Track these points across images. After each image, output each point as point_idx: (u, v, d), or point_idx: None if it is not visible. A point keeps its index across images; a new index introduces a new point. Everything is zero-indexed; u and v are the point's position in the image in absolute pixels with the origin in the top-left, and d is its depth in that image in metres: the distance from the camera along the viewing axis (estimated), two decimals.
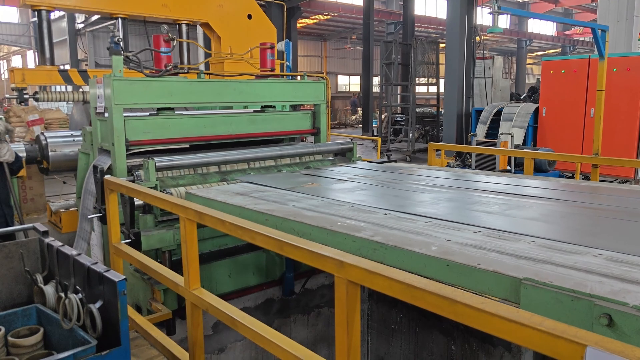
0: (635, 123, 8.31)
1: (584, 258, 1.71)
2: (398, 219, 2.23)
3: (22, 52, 27.73)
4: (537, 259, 1.69)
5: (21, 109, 5.66)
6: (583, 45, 32.54)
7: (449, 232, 2.01)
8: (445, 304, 1.19)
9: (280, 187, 2.97)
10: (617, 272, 1.56)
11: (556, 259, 1.69)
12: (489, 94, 11.40)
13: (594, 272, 1.56)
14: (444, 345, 2.91)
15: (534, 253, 1.76)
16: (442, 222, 2.20)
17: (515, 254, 1.74)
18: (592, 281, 1.48)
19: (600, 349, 0.92)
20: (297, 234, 2.13)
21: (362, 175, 3.45)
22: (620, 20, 9.85)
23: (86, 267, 2.01)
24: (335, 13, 22.01)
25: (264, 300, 3.37)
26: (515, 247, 1.83)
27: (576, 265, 1.63)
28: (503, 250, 1.78)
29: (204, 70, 4.33)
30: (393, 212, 2.35)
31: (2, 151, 3.46)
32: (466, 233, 2.02)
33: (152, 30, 5.29)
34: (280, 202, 2.54)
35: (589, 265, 1.63)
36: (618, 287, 1.43)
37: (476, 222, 2.20)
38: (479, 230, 2.06)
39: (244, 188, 2.94)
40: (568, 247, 1.84)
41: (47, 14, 5.42)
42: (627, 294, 1.37)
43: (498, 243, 1.88)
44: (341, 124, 25.68)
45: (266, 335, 1.75)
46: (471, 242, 1.88)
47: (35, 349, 2.01)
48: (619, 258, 1.72)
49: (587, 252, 1.78)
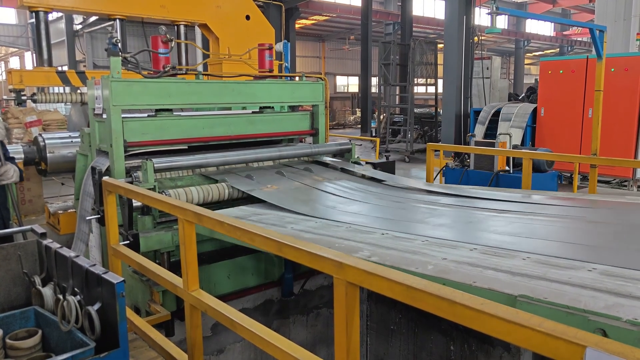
0: (633, 123, 8.33)
1: (579, 273, 1.72)
2: (395, 238, 2.24)
3: (20, 53, 27.68)
4: (532, 276, 1.70)
5: (19, 110, 5.65)
6: (581, 46, 32.59)
7: (445, 251, 2.02)
8: (444, 305, 1.19)
9: (281, 204, 2.97)
10: (611, 287, 1.57)
11: (551, 275, 1.70)
12: (487, 95, 11.41)
13: (588, 287, 1.58)
14: (443, 346, 2.91)
15: (530, 269, 1.77)
16: (438, 240, 2.21)
17: (511, 270, 1.76)
18: (586, 296, 1.50)
19: (600, 350, 0.92)
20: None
21: (361, 190, 3.43)
22: (618, 21, 9.87)
23: (84, 268, 2.00)
24: (334, 14, 22.01)
25: (263, 301, 3.37)
26: (511, 263, 1.84)
27: (571, 280, 1.64)
28: (499, 268, 1.79)
29: (202, 71, 4.33)
30: (390, 232, 2.36)
31: (8, 174, 3.42)
32: (462, 251, 2.03)
33: (150, 32, 5.29)
34: (279, 225, 2.55)
35: (583, 280, 1.64)
36: (612, 302, 1.44)
37: (472, 239, 2.21)
38: (475, 247, 2.07)
39: (243, 212, 2.94)
40: (563, 263, 1.85)
41: (44, 15, 5.40)
42: (621, 308, 1.39)
43: (494, 260, 1.89)
44: (340, 124, 25.68)
45: (265, 336, 1.75)
46: (467, 259, 1.89)
47: (33, 352, 2.00)
48: (613, 272, 1.73)
49: (582, 266, 1.80)
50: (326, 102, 4.35)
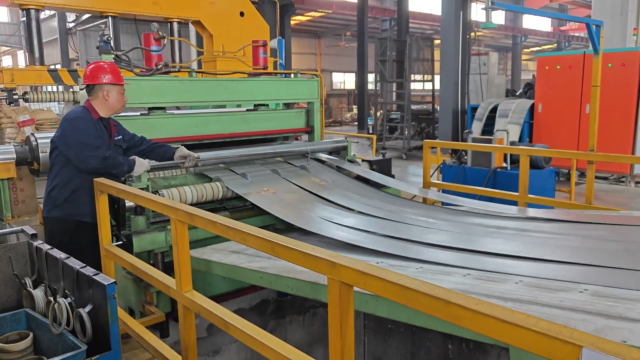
0: (630, 119, 8.32)
1: (570, 295, 1.73)
2: (390, 267, 2.24)
3: (13, 52, 27.47)
4: (523, 300, 1.71)
5: (12, 109, 5.59)
6: (578, 41, 32.60)
7: (438, 278, 2.04)
8: (439, 305, 1.17)
9: (277, 214, 2.94)
10: (602, 308, 1.58)
11: (542, 299, 1.71)
12: (484, 91, 11.40)
13: (579, 309, 1.59)
14: (441, 345, 2.90)
15: (521, 294, 1.78)
16: (433, 266, 2.21)
17: (503, 296, 1.77)
18: (576, 320, 1.51)
19: (596, 350, 0.90)
20: (291, 290, 2.14)
21: (358, 198, 3.39)
22: (615, 16, 9.85)
23: (75, 270, 1.97)
24: (329, 10, 21.94)
25: (259, 301, 3.34)
26: (502, 288, 1.85)
27: (562, 304, 1.65)
28: (490, 293, 1.79)
29: (196, 68, 4.29)
30: (385, 260, 2.36)
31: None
32: (456, 277, 2.04)
33: (143, 29, 5.24)
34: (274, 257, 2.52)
35: (574, 302, 1.66)
36: (601, 325, 1.46)
37: (467, 262, 2.23)
38: (468, 273, 2.08)
39: (238, 245, 2.91)
40: (555, 285, 1.86)
41: (36, 12, 5.35)
42: (610, 330, 1.40)
43: (486, 286, 1.90)
44: (336, 121, 25.64)
45: (259, 337, 1.73)
46: (460, 287, 1.91)
47: (24, 354, 1.98)
48: (605, 292, 1.74)
49: (574, 288, 1.82)
50: (322, 99, 4.32)
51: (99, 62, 3.04)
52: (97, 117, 2.94)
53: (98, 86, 2.91)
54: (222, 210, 3.24)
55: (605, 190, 8.18)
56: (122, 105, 3.02)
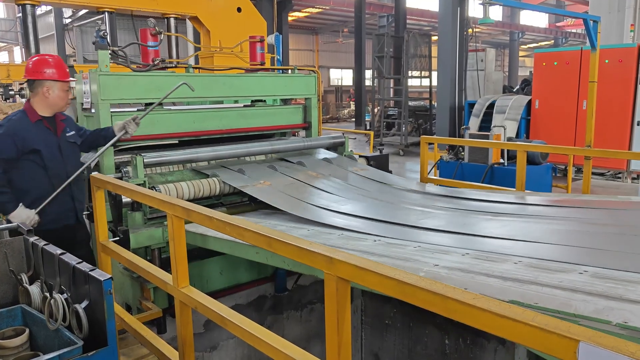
0: (627, 114, 8.34)
1: (570, 276, 1.72)
2: (387, 245, 2.23)
3: (9, 48, 27.32)
4: (523, 280, 1.69)
5: (8, 105, 5.56)
6: (575, 37, 32.62)
7: (437, 257, 2.01)
8: (436, 300, 1.17)
9: (273, 203, 2.93)
10: (602, 289, 1.57)
11: (542, 279, 1.69)
12: (481, 87, 11.38)
13: (579, 290, 1.58)
14: (438, 340, 2.90)
15: (521, 274, 1.76)
16: (431, 246, 2.19)
17: (502, 275, 1.75)
18: (576, 300, 1.50)
19: (594, 344, 0.90)
20: (287, 266, 2.13)
21: (355, 187, 3.39)
22: (612, 12, 9.86)
23: (71, 266, 1.96)
24: (327, 6, 21.87)
25: (256, 297, 3.34)
26: (502, 268, 1.83)
27: (561, 284, 1.63)
28: (490, 273, 1.78)
29: (193, 64, 4.27)
30: (383, 238, 2.34)
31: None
32: (454, 257, 2.02)
33: (140, 25, 5.21)
34: None
35: (574, 283, 1.64)
36: (602, 305, 1.44)
37: (465, 244, 2.20)
38: (467, 252, 2.06)
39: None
40: (554, 266, 1.85)
41: (32, 8, 5.31)
42: (611, 311, 1.39)
43: (486, 265, 1.88)
44: (333, 118, 25.61)
45: (256, 333, 1.72)
46: (459, 265, 1.88)
47: (20, 350, 1.97)
48: (604, 274, 1.73)
49: (573, 269, 1.80)
50: (319, 96, 4.31)
51: (44, 55, 2.86)
52: (38, 119, 2.75)
53: (39, 82, 2.72)
54: (219, 206, 3.23)
55: (602, 186, 8.20)
56: (65, 103, 2.83)
